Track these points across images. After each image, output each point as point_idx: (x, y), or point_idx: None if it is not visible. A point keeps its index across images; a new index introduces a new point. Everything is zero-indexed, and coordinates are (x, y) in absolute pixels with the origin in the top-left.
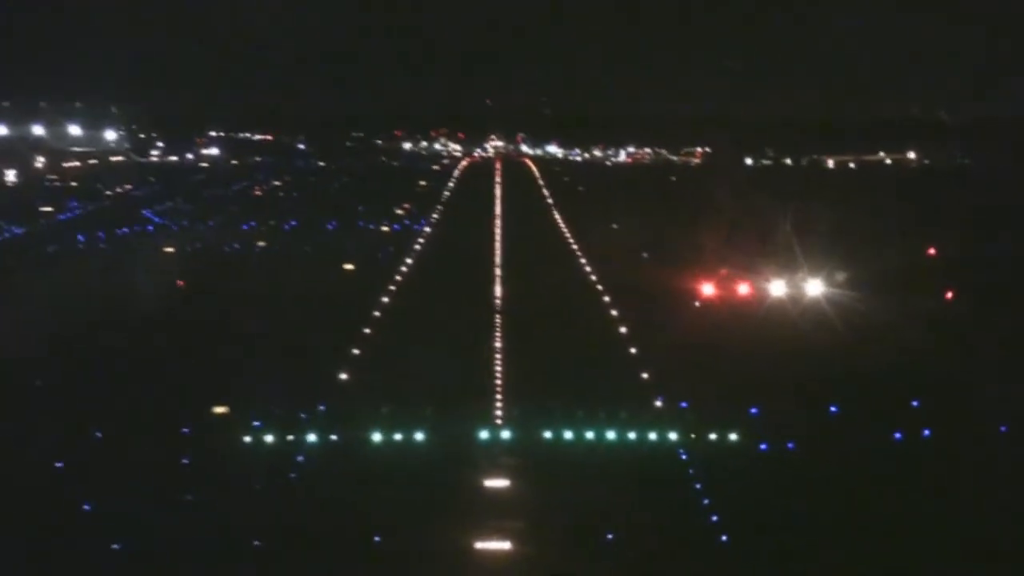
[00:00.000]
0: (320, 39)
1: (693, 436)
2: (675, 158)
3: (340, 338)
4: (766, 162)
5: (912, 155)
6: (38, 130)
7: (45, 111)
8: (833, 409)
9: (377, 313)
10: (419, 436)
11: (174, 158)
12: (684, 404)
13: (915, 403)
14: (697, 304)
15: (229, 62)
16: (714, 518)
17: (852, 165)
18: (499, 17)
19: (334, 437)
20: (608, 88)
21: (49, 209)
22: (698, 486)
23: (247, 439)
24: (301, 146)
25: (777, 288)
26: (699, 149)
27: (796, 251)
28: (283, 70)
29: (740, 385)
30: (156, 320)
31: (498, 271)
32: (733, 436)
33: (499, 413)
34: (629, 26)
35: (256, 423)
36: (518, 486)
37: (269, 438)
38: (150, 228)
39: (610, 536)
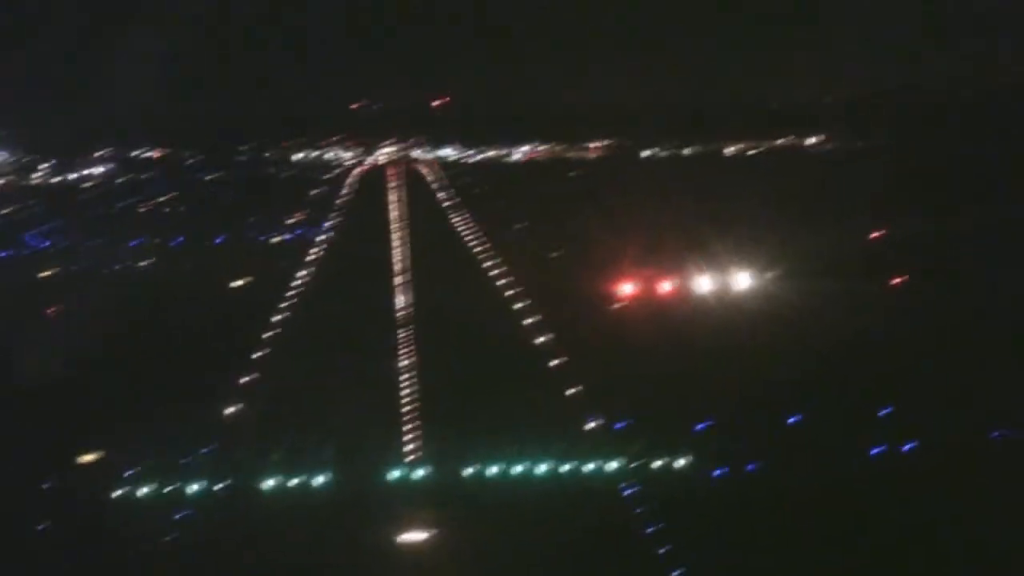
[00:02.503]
0: (203, 51)
1: (634, 465)
2: (573, 154)
3: (227, 365)
4: (665, 153)
5: (814, 140)
6: None
7: None
8: (792, 420)
9: (267, 334)
10: (319, 480)
11: (59, 179)
12: (620, 425)
13: (887, 409)
14: (617, 306)
15: (114, 79)
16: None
17: (753, 152)
18: (386, 19)
19: (219, 486)
20: (501, 86)
21: None
22: (649, 529)
23: (118, 492)
24: (190, 162)
25: (702, 283)
26: (596, 144)
27: (716, 243)
28: (170, 84)
29: (679, 397)
30: (18, 352)
31: (399, 280)
32: (680, 461)
33: (410, 448)
34: (520, 21)
35: (128, 472)
36: (437, 537)
37: (144, 490)
38: (26, 252)
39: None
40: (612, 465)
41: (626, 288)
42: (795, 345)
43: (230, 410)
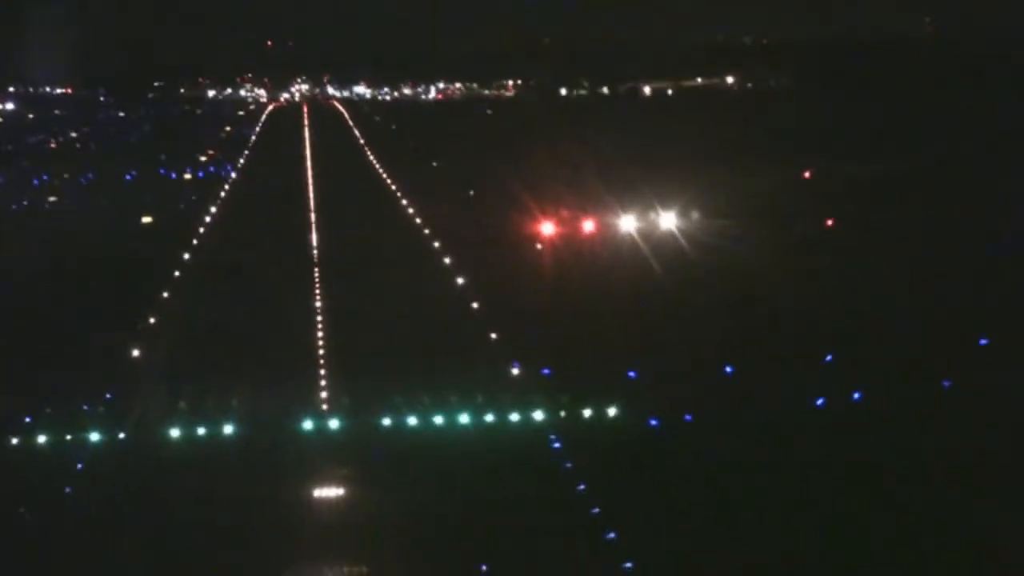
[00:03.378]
0: None
1: (564, 414)
2: (487, 92)
3: (132, 307)
4: (581, 92)
5: (730, 79)
6: None
7: None
8: (728, 369)
9: (176, 272)
10: (227, 430)
11: None
12: (546, 371)
13: (828, 357)
14: (539, 247)
15: (26, 11)
16: (610, 535)
17: (670, 92)
18: None
19: (121, 436)
20: (414, 23)
21: None
22: (581, 487)
23: (14, 440)
24: (102, 99)
25: (625, 223)
26: (510, 82)
27: (639, 183)
28: (82, 20)
29: (609, 342)
30: None
31: (312, 217)
32: (612, 411)
33: (325, 396)
34: None
35: (27, 419)
36: (354, 493)
37: (42, 439)
38: None
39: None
40: (539, 415)
41: (546, 228)
42: (727, 290)
43: (134, 355)
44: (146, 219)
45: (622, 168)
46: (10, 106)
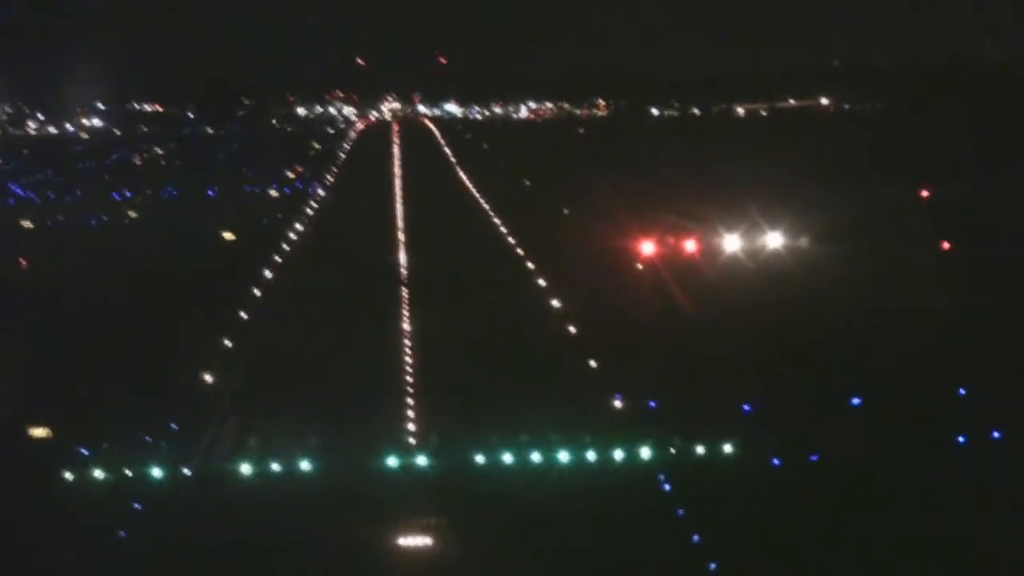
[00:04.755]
0: (209, 6)
1: (674, 451)
2: (579, 111)
3: (207, 328)
4: (672, 113)
5: (825, 101)
6: None
7: None
8: (856, 401)
9: (257, 292)
10: (306, 467)
11: (53, 130)
12: (653, 403)
13: (963, 391)
14: (639, 267)
15: (117, 31)
16: None
17: (764, 112)
18: None
19: (187, 471)
20: (507, 43)
21: None
22: (695, 538)
23: (68, 476)
24: (191, 115)
25: (731, 243)
26: (602, 101)
27: (736, 203)
28: (174, 38)
29: (718, 373)
30: None
31: (402, 237)
32: (728, 448)
33: (413, 429)
34: None
35: (84, 451)
36: (444, 540)
37: (99, 474)
38: (11, 202)
39: None
40: (646, 451)
41: (646, 248)
42: (846, 317)
43: (207, 380)
44: (227, 235)
45: (721, 187)
46: (97, 122)
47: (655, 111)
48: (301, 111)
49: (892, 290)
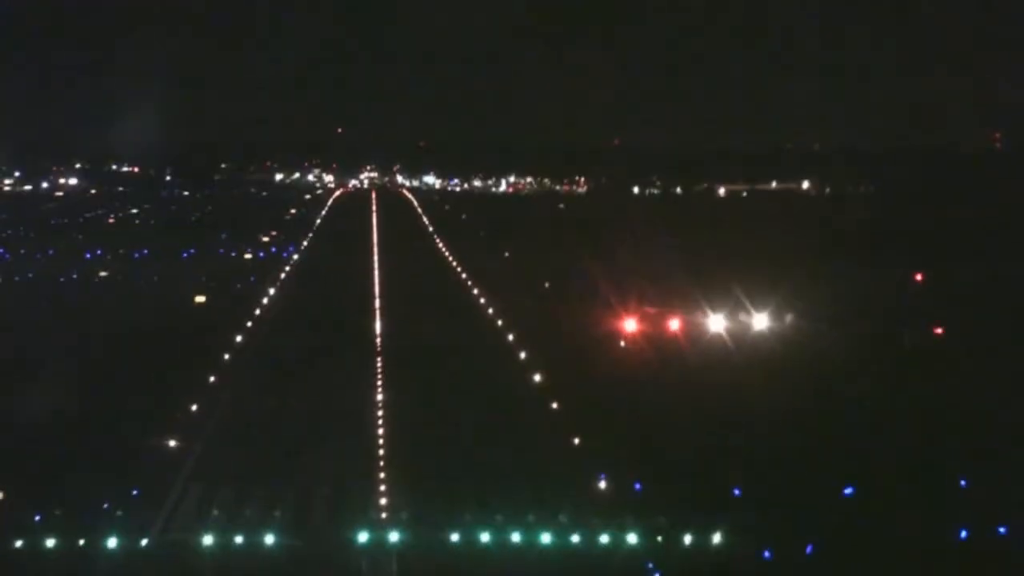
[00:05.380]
0: (190, 70)
1: (661, 539)
2: (558, 187)
3: (174, 392)
4: (654, 191)
5: (806, 184)
6: None
7: None
8: (848, 491)
9: (226, 356)
10: (269, 540)
11: (28, 187)
12: (638, 486)
13: (964, 482)
14: (623, 344)
15: (97, 92)
16: None
17: (744, 193)
18: (375, 49)
19: (143, 542)
20: (486, 119)
21: None
22: None
23: (18, 543)
24: (168, 178)
25: (715, 323)
26: (581, 179)
27: (724, 281)
28: (152, 102)
29: (706, 455)
30: None
31: (377, 305)
32: (717, 538)
33: (385, 504)
34: (507, 56)
35: (36, 517)
36: None
37: (50, 543)
38: None
39: None
40: (632, 538)
41: (629, 325)
42: (837, 400)
43: (169, 446)
44: (199, 298)
45: (704, 266)
46: (73, 181)
47: (636, 189)
48: (279, 177)
49: (885, 375)
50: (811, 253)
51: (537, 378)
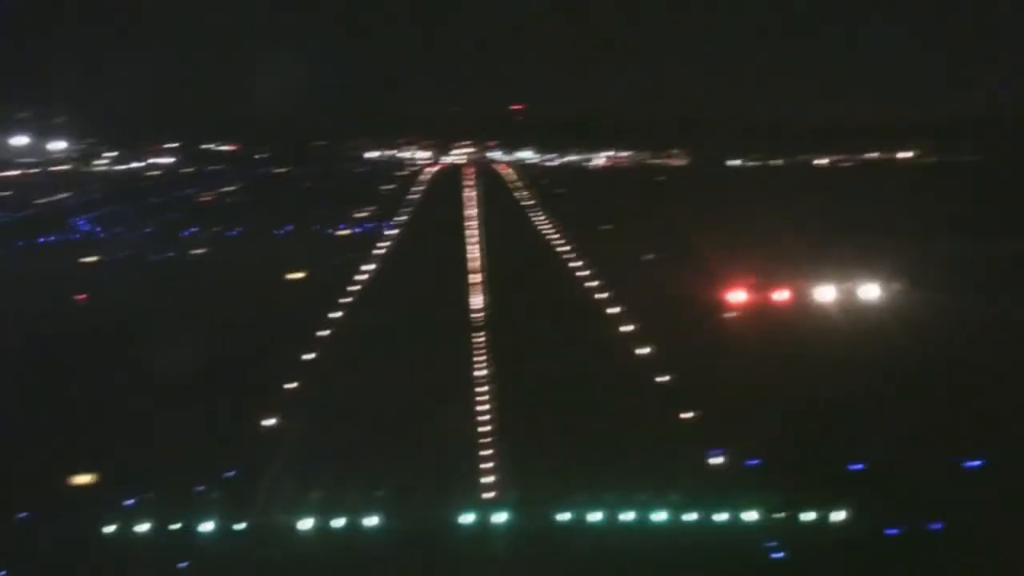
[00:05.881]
0: (283, 48)
1: (783, 515)
2: (658, 160)
3: (269, 371)
4: (753, 163)
5: (909, 153)
6: None
7: None
8: (977, 463)
9: (323, 333)
10: (371, 522)
11: (123, 167)
12: (752, 462)
13: None
14: (730, 315)
15: (192, 69)
16: None
17: (847, 164)
18: (469, 20)
19: (241, 525)
20: (585, 91)
21: None
22: None
23: (109, 529)
24: (263, 155)
25: (825, 294)
26: (680, 151)
27: (827, 252)
28: (247, 79)
29: (822, 428)
30: (32, 344)
31: (476, 279)
32: (839, 515)
33: (491, 482)
34: (606, 26)
35: (128, 501)
36: None
37: (143, 527)
38: (75, 237)
39: None
40: (750, 515)
41: (737, 296)
42: (961, 371)
43: (264, 425)
44: (295, 275)
45: (811, 236)
46: (169, 160)
47: (735, 162)
48: (374, 154)
49: (1008, 345)
50: (919, 223)
51: (645, 350)
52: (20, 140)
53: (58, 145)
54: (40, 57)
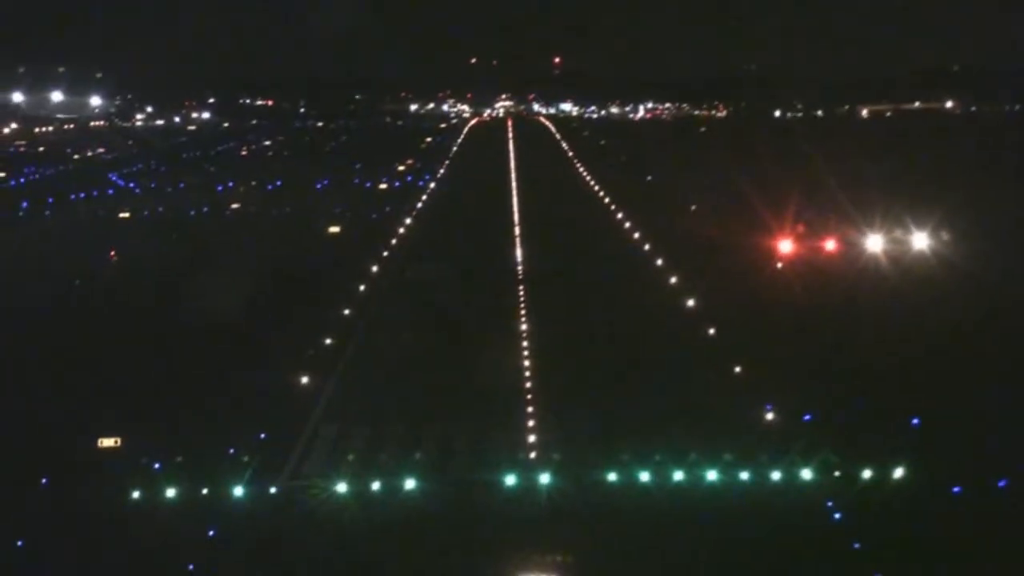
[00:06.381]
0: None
1: (838, 474)
2: (697, 112)
3: (303, 329)
4: (795, 115)
5: (950, 104)
6: (16, 97)
7: (24, 76)
8: None
9: (361, 287)
10: (410, 486)
11: (160, 122)
12: (808, 417)
13: None
14: (779, 266)
15: (229, 25)
16: None
17: (888, 114)
18: None
19: (273, 489)
20: (624, 44)
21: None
22: None
23: (137, 495)
24: (302, 110)
25: (873, 243)
26: (720, 104)
27: (873, 203)
28: (286, 33)
29: (880, 381)
30: (58, 303)
31: (516, 230)
32: (899, 472)
33: (535, 443)
34: None
35: (155, 465)
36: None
37: (171, 492)
38: (111, 192)
39: None
40: (806, 474)
41: (784, 246)
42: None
43: (299, 386)
44: (332, 228)
45: (852, 187)
46: (206, 115)
47: (777, 113)
48: (414, 107)
49: None
50: (960, 172)
51: (691, 303)
52: (56, 95)
53: (95, 101)
54: (80, 13)
